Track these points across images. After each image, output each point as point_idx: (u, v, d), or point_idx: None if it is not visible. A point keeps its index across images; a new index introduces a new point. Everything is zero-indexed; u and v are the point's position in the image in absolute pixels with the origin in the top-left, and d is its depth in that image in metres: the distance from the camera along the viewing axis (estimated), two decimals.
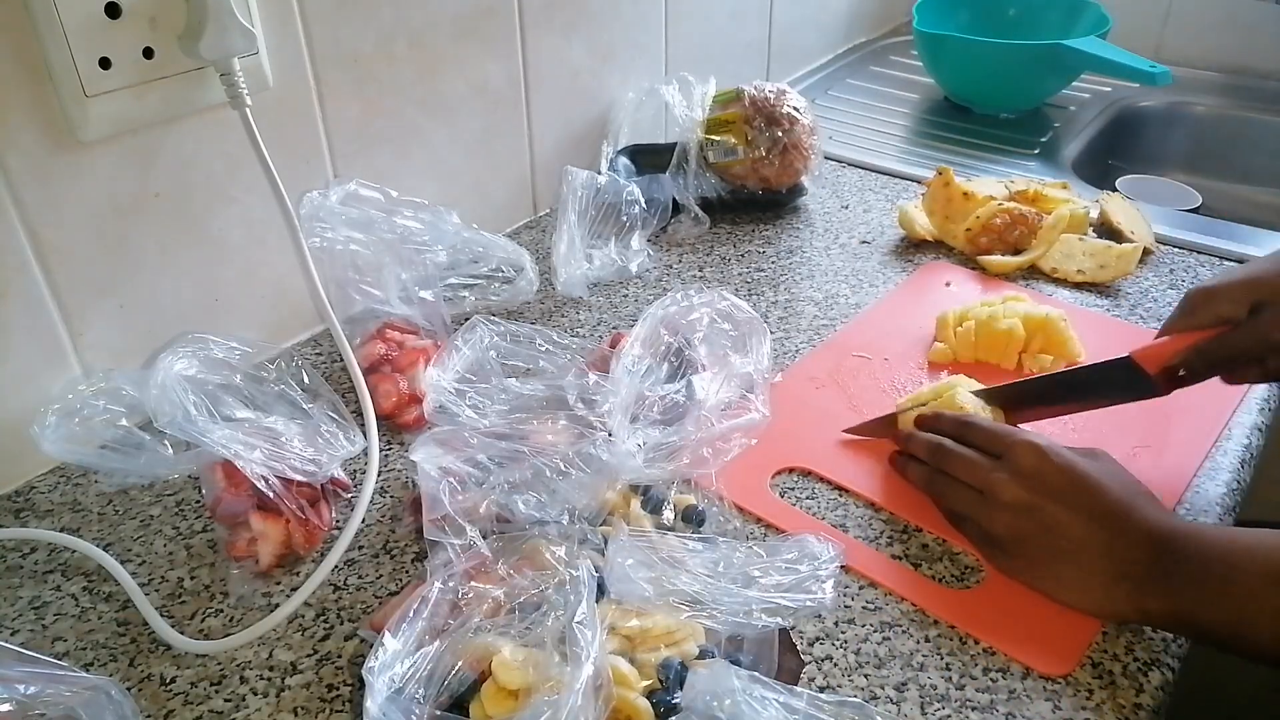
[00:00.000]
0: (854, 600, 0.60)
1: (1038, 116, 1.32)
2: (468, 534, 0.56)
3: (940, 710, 0.53)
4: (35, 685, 0.46)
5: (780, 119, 1.01)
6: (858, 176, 1.16)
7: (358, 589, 0.62)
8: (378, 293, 0.80)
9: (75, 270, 0.70)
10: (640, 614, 0.52)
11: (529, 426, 0.64)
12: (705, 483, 0.65)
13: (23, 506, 0.69)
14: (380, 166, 0.87)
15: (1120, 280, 0.92)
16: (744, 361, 0.69)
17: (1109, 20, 1.25)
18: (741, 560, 0.54)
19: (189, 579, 0.63)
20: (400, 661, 0.47)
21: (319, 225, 0.78)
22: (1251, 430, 0.73)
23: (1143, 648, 0.56)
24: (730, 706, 0.45)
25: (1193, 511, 0.66)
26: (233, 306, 0.80)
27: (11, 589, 0.63)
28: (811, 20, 1.44)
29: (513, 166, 1.02)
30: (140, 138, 0.70)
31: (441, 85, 0.90)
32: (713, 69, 1.07)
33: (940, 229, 0.99)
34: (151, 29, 0.66)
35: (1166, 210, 1.08)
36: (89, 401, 0.69)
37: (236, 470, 0.62)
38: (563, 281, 0.89)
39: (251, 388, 0.70)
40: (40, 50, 0.63)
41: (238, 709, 0.55)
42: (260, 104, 0.73)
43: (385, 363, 0.77)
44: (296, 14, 0.76)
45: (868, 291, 0.92)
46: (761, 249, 1.00)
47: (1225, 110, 1.37)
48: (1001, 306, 0.81)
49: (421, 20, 0.86)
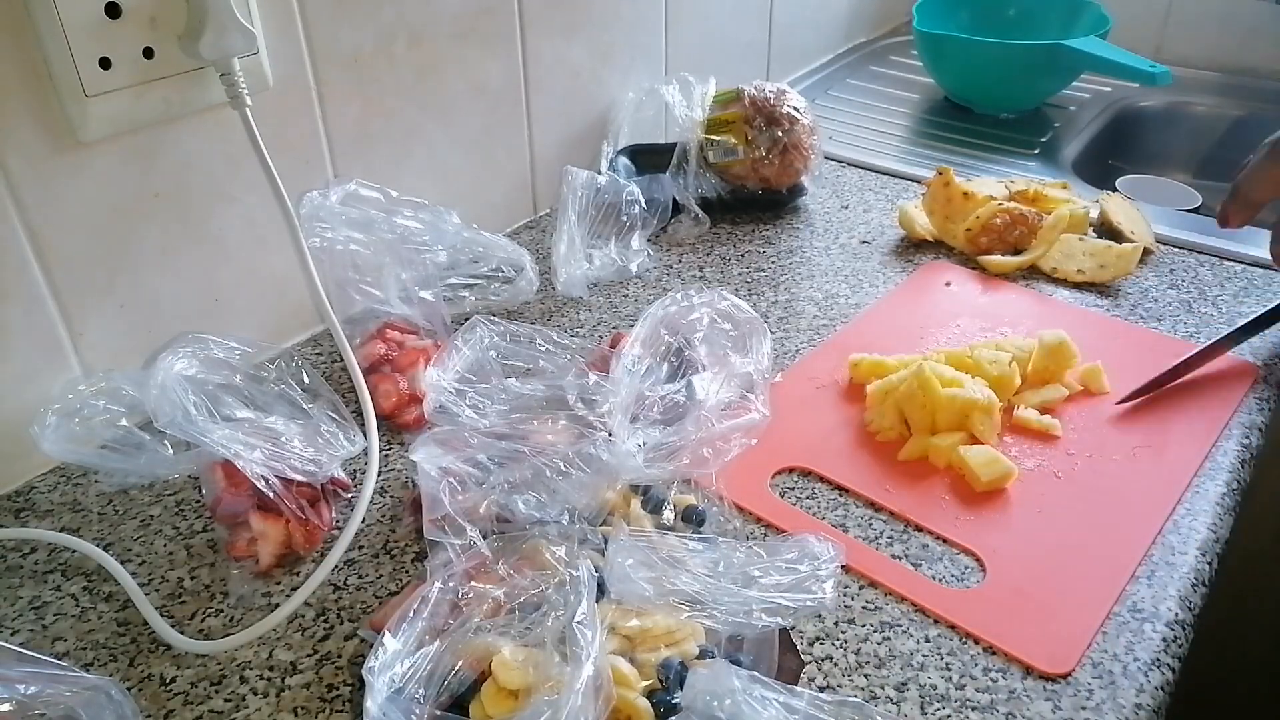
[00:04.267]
0: (854, 600, 0.60)
1: (1038, 116, 1.32)
2: (468, 534, 0.56)
3: (940, 710, 0.53)
4: (35, 685, 0.46)
5: (780, 119, 1.01)
6: (858, 176, 1.16)
7: (358, 589, 0.62)
8: (378, 293, 0.80)
9: (75, 270, 0.70)
10: (640, 614, 0.52)
11: (529, 426, 0.64)
12: (705, 483, 0.65)
13: (23, 506, 0.69)
14: (380, 166, 0.87)
15: (1120, 280, 0.92)
16: (744, 361, 0.69)
17: (1109, 20, 1.25)
18: (741, 560, 0.54)
19: (189, 579, 0.63)
20: (400, 661, 0.47)
21: (319, 225, 0.78)
22: (1251, 430, 0.73)
23: (1143, 648, 0.57)
24: (730, 706, 0.45)
25: (1193, 512, 0.66)
26: (233, 306, 0.80)
27: (11, 589, 0.63)
28: (811, 20, 1.44)
29: (513, 166, 1.02)
30: (140, 138, 0.70)
31: (441, 85, 0.90)
32: (713, 69, 1.07)
33: (940, 229, 0.99)
34: (151, 29, 0.66)
35: (1166, 210, 1.08)
36: (89, 401, 0.69)
37: (236, 470, 0.62)
38: (563, 281, 0.89)
39: (251, 388, 0.70)
40: (40, 50, 0.63)
41: (238, 709, 0.55)
42: (260, 104, 0.73)
43: (385, 363, 0.77)
44: (296, 14, 0.76)
45: (868, 291, 0.92)
46: (761, 249, 1.00)
47: (1225, 110, 1.37)
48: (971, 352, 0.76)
49: (421, 20, 0.86)
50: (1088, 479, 0.69)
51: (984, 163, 1.18)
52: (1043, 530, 0.64)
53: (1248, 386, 0.77)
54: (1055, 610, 0.59)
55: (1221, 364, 0.79)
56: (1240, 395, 0.76)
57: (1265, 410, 0.75)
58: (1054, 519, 0.65)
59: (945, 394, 0.70)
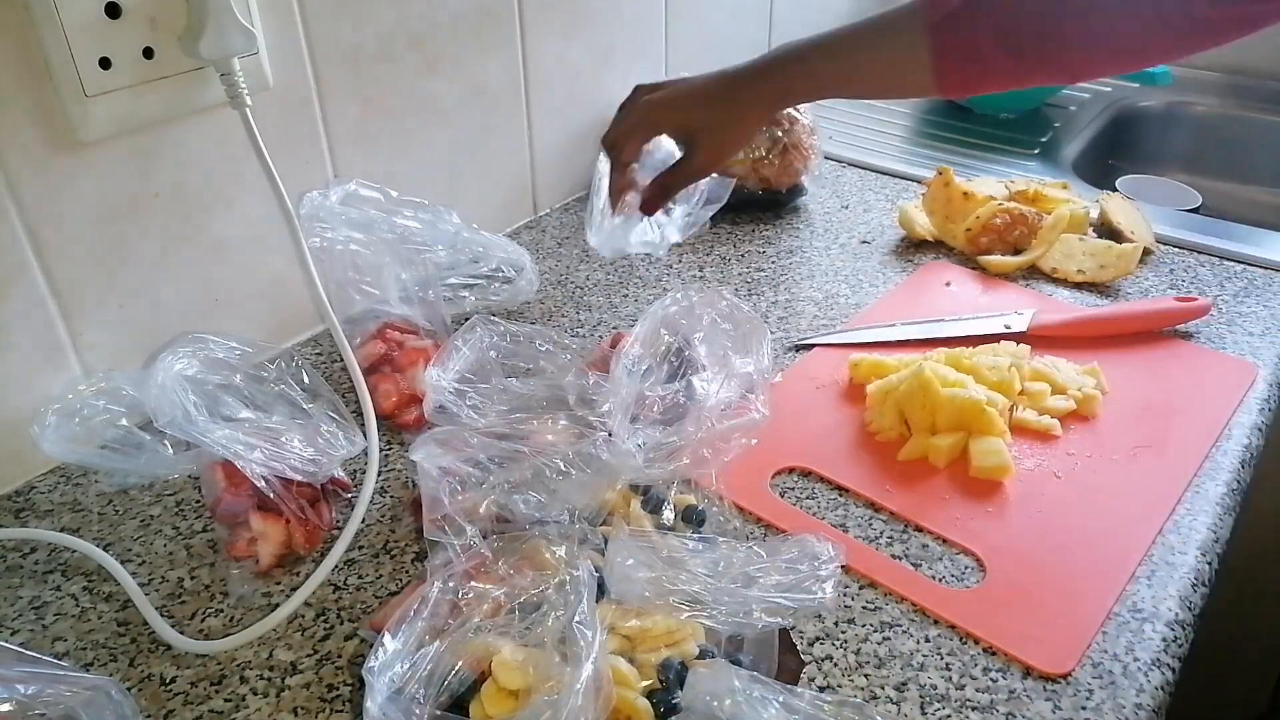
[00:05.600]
0: (854, 600, 0.60)
1: (1038, 116, 1.32)
2: (468, 534, 0.56)
3: (940, 710, 0.53)
4: (35, 685, 0.46)
5: (780, 119, 1.01)
6: (858, 176, 1.16)
7: (358, 589, 0.62)
8: (378, 293, 0.80)
9: (75, 270, 0.70)
10: (640, 614, 0.52)
11: (529, 426, 0.64)
12: (705, 483, 0.65)
13: (23, 506, 0.69)
14: (380, 166, 0.87)
15: (1120, 280, 0.92)
16: (744, 361, 0.69)
17: None
18: (741, 560, 0.54)
19: (189, 579, 0.63)
20: (400, 661, 0.47)
21: (319, 225, 0.78)
22: (1251, 430, 0.73)
23: (1143, 648, 0.57)
24: (730, 706, 0.45)
25: (1193, 512, 0.66)
26: (233, 306, 0.80)
27: (11, 589, 0.63)
28: (811, 20, 1.44)
29: (513, 167, 1.02)
30: (140, 138, 0.70)
31: (442, 85, 0.90)
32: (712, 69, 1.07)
33: (940, 229, 0.99)
34: (151, 29, 0.66)
35: (1166, 210, 1.08)
36: (89, 401, 0.69)
37: (236, 470, 0.62)
38: (596, 241, 0.93)
39: (251, 388, 0.70)
40: (40, 50, 0.63)
41: (238, 709, 0.55)
42: (260, 104, 0.73)
43: (385, 363, 0.77)
44: (296, 14, 0.76)
45: (868, 291, 0.92)
46: (761, 249, 1.00)
47: (1225, 110, 1.37)
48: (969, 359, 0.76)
49: (421, 20, 0.86)
50: (1088, 479, 0.68)
51: (984, 163, 1.18)
52: (1043, 530, 0.64)
53: (1248, 386, 0.77)
54: (1055, 610, 0.59)
55: (1222, 364, 0.79)
56: (1240, 395, 0.76)
57: (1265, 410, 0.75)
58: (1054, 519, 0.65)
59: (945, 394, 0.70)
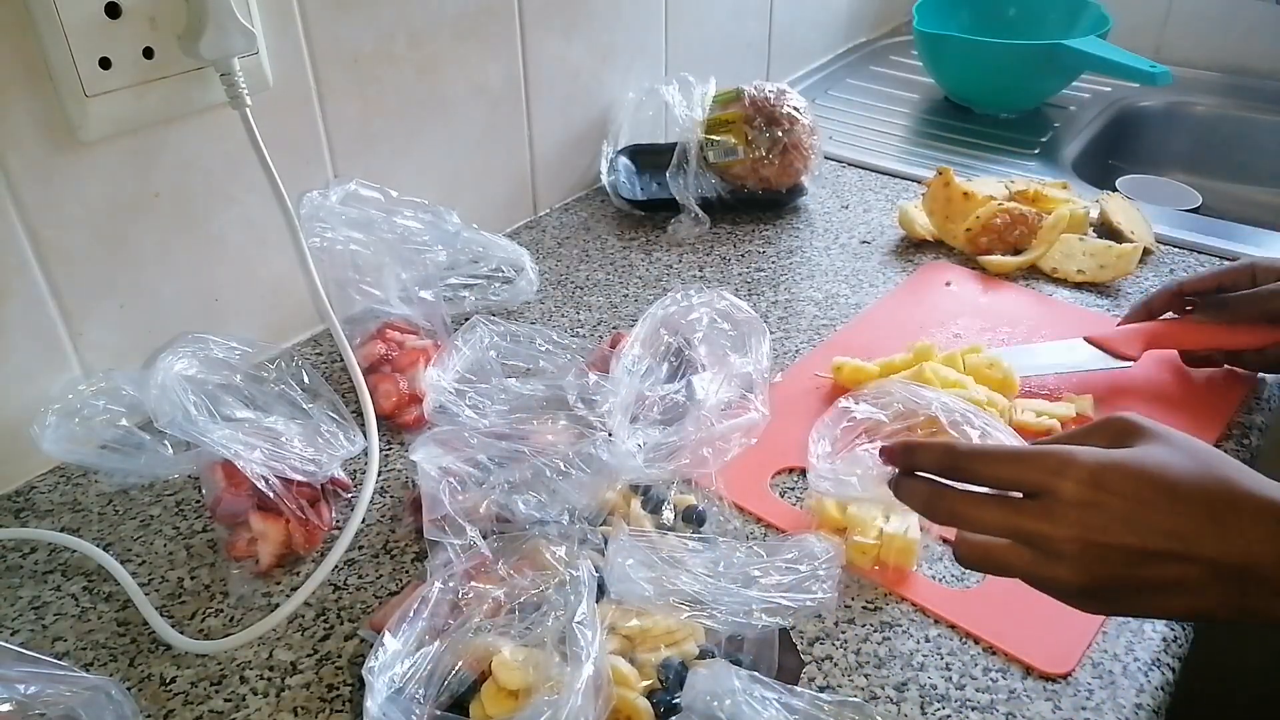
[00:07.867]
0: (854, 600, 0.60)
1: (1038, 116, 1.32)
2: (468, 534, 0.56)
3: (940, 710, 0.53)
4: (35, 685, 0.46)
5: (780, 119, 1.01)
6: (858, 176, 1.16)
7: (358, 589, 0.62)
8: (378, 293, 0.80)
9: (75, 270, 0.70)
10: (640, 614, 0.52)
11: (529, 426, 0.64)
12: (705, 483, 0.65)
13: (23, 506, 0.69)
14: (380, 166, 0.87)
15: (1120, 280, 0.92)
16: (744, 361, 0.69)
17: (1109, 20, 1.25)
18: (741, 560, 0.54)
19: (189, 579, 0.63)
20: (400, 661, 0.48)
21: (319, 225, 0.78)
22: (1251, 430, 0.73)
23: (1143, 648, 0.56)
24: (730, 706, 0.45)
25: None
26: (233, 306, 0.80)
27: (11, 589, 0.63)
28: (811, 20, 1.44)
29: (513, 166, 1.02)
30: (140, 138, 0.70)
31: (441, 85, 0.90)
32: (713, 69, 1.07)
33: (940, 229, 0.99)
34: (151, 29, 0.66)
35: (1166, 210, 1.08)
36: (89, 401, 0.69)
37: (236, 470, 0.62)
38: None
39: (251, 388, 0.70)
40: (40, 50, 0.63)
41: (238, 709, 0.55)
42: (260, 104, 0.73)
43: (385, 363, 0.77)
44: (296, 14, 0.76)
45: (868, 291, 0.92)
46: (761, 249, 1.00)
47: (1225, 110, 1.37)
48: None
49: (421, 20, 0.86)
50: None
51: (984, 163, 1.18)
52: None
53: (1248, 387, 0.77)
54: (1055, 610, 0.58)
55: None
56: (1240, 395, 0.76)
57: (1265, 410, 0.75)
58: None
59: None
